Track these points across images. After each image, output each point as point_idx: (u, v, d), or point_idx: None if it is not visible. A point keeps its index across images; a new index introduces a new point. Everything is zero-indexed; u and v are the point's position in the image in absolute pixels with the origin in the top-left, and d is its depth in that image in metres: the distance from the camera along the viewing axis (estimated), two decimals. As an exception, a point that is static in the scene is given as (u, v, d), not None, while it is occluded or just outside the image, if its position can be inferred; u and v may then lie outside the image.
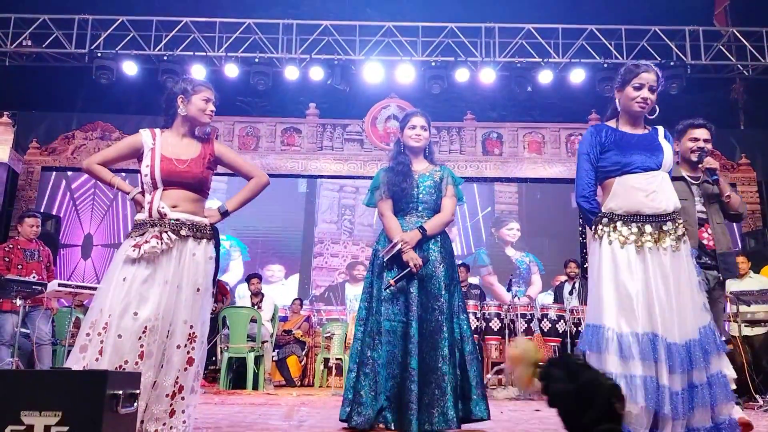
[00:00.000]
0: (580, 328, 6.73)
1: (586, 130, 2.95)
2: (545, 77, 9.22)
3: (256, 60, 9.15)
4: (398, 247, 3.14)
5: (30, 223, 6.00)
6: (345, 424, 3.14)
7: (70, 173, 10.15)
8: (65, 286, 5.65)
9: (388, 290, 3.14)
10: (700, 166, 3.21)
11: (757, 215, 10.05)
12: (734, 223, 9.89)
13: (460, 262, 8.73)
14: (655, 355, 2.34)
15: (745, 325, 5.89)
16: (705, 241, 3.25)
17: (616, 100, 2.74)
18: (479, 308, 7.02)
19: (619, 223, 2.52)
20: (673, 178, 2.72)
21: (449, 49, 9.36)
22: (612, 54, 9.15)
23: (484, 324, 6.92)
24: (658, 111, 2.71)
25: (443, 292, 3.14)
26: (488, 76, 9.27)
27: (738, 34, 9.20)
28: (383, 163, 3.79)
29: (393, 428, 3.04)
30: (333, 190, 10.61)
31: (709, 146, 3.36)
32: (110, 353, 2.43)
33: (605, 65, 9.04)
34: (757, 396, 5.56)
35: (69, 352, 2.69)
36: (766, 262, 7.60)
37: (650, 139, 2.65)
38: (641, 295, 2.42)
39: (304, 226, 10.42)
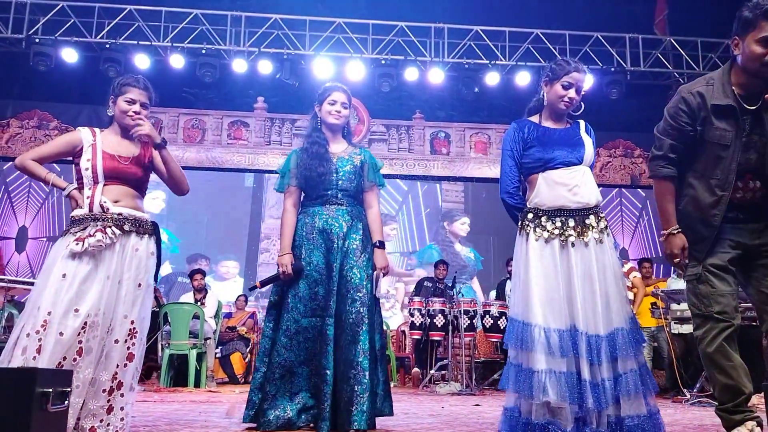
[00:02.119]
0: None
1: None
2: (492, 79, 9.39)
3: (203, 51, 9.00)
4: (277, 277, 2.98)
5: None
6: (253, 425, 2.91)
7: (4, 163, 9.72)
8: (-3, 280, 5.44)
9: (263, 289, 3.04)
10: None
11: (690, 217, 10.49)
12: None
13: (441, 259, 8.76)
14: (576, 350, 2.40)
15: (675, 323, 6.15)
16: (741, 194, 2.42)
17: (543, 94, 2.76)
18: (424, 305, 7.11)
19: (543, 218, 2.57)
20: (719, 108, 2.39)
21: (399, 47, 9.42)
22: (556, 58, 9.37)
23: (429, 320, 7.02)
24: (583, 107, 2.76)
25: (365, 282, 2.96)
26: (437, 76, 9.38)
27: (675, 43, 9.60)
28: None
29: (318, 426, 2.80)
30: (281, 185, 10.52)
31: None
32: (50, 351, 2.36)
33: (550, 69, 9.26)
34: (685, 390, 5.83)
35: (1, 348, 2.59)
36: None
37: (572, 133, 2.70)
38: (563, 290, 2.47)
39: (250, 222, 10.31)
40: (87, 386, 2.46)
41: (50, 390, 1.82)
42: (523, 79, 9.42)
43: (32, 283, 5.75)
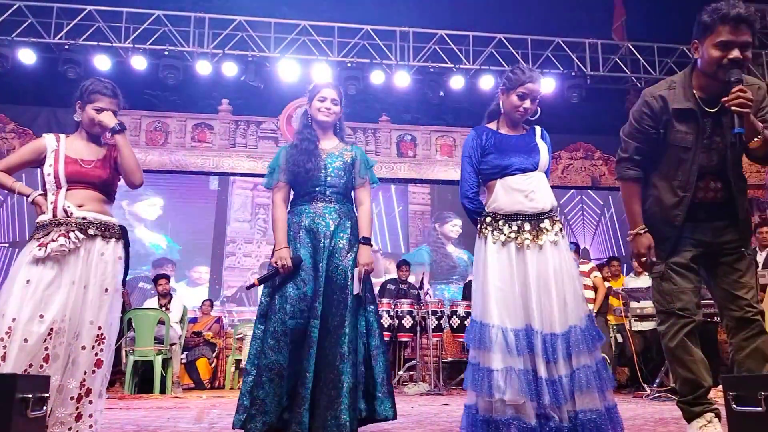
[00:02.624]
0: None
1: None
2: (457, 83, 9.49)
3: (166, 53, 8.87)
4: (276, 272, 2.87)
5: None
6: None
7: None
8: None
9: (263, 286, 2.89)
10: (725, 101, 2.29)
11: (648, 218, 10.78)
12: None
13: (403, 259, 8.77)
14: (532, 349, 2.48)
15: (635, 320, 6.33)
16: (702, 194, 2.48)
17: (500, 102, 2.84)
18: (392, 306, 7.15)
19: (501, 222, 2.65)
20: (680, 112, 2.46)
21: (365, 50, 9.45)
22: (514, 66, 9.52)
23: (397, 321, 7.06)
24: (539, 112, 2.82)
25: (350, 283, 2.89)
26: (403, 79, 9.44)
27: (632, 48, 9.86)
28: None
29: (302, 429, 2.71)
30: (246, 188, 10.45)
31: (748, 55, 2.37)
32: (14, 358, 2.33)
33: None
34: (645, 386, 6.01)
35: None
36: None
37: (528, 140, 2.78)
38: (519, 291, 2.55)
39: (215, 225, 10.20)
40: (55, 394, 2.42)
41: (30, 396, 1.81)
42: (487, 82, 9.55)
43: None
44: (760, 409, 1.68)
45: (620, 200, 9.86)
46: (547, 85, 9.59)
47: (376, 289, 6.35)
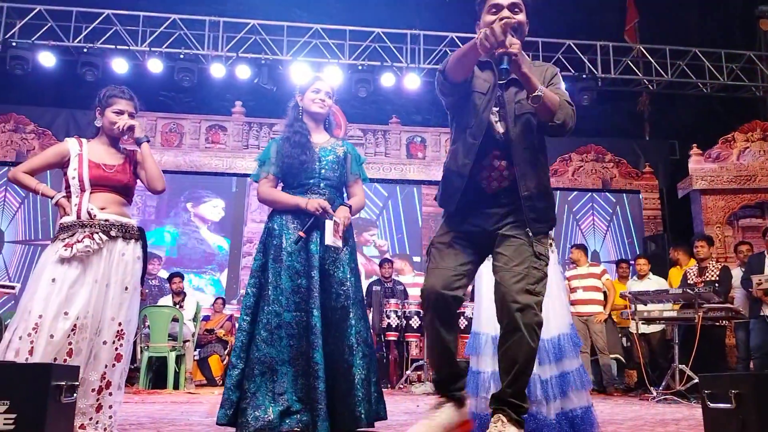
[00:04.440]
0: (494, 326, 7.08)
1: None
2: (467, 85, 9.55)
3: (181, 56, 9.05)
4: (315, 218, 2.80)
5: None
6: (229, 427, 2.73)
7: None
8: (-24, 284, 5.46)
9: (297, 245, 2.81)
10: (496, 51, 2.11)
11: (658, 221, 10.81)
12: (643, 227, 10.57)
13: (386, 257, 8.94)
14: None
15: (642, 323, 6.37)
16: (486, 183, 2.32)
17: None
18: (400, 306, 7.25)
19: None
20: (481, 62, 2.35)
21: (376, 53, 9.56)
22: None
23: (405, 322, 7.16)
24: None
25: (348, 276, 2.87)
26: (413, 81, 9.54)
27: (644, 51, 9.89)
28: None
29: (310, 431, 2.65)
30: (262, 189, 10.61)
31: (522, 19, 2.35)
32: (41, 352, 2.48)
33: (523, 76, 9.49)
34: (652, 388, 6.06)
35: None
36: (665, 266, 8.24)
37: None
38: None
39: (233, 225, 10.39)
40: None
41: (63, 383, 1.99)
42: (497, 85, 9.60)
43: (12, 287, 5.79)
44: (730, 405, 1.80)
45: (632, 203, 9.89)
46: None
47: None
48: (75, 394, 2.11)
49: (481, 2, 2.44)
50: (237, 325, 2.90)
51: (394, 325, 7.13)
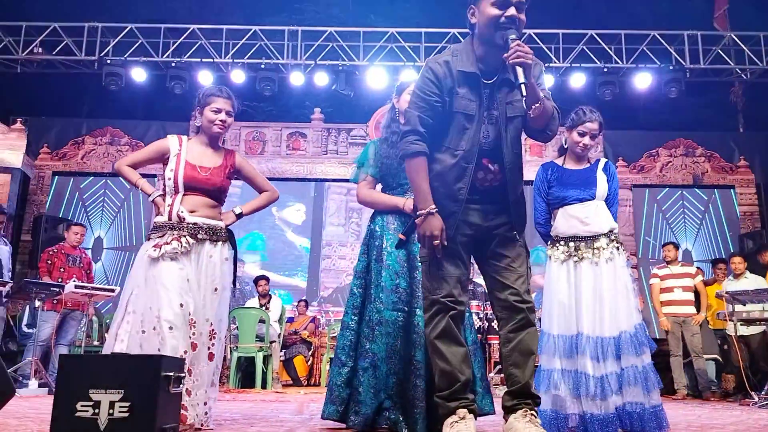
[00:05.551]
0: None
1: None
2: (547, 81, 9.33)
3: (262, 66, 9.35)
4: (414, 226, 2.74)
5: (75, 231, 6.51)
6: (336, 424, 2.83)
7: (80, 178, 10.33)
8: (81, 287, 5.83)
9: (398, 249, 2.79)
10: (506, 56, 2.23)
11: (756, 217, 10.17)
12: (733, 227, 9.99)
13: None
14: (579, 351, 2.88)
15: (741, 324, 6.02)
16: (479, 183, 2.37)
17: (564, 138, 3.26)
18: (482, 308, 7.18)
19: (560, 244, 3.08)
20: (465, 75, 2.35)
21: (452, 54, 9.50)
22: (612, 59, 9.31)
23: (487, 324, 7.09)
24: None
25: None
26: (490, 80, 9.41)
27: (736, 38, 9.34)
28: None
29: (399, 429, 2.68)
30: (340, 193, 10.80)
31: (523, 18, 2.35)
32: (145, 347, 2.63)
33: (605, 69, 9.21)
34: (753, 393, 5.71)
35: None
36: (762, 265, 7.72)
37: (587, 174, 3.16)
38: (572, 302, 2.97)
39: (312, 229, 10.63)
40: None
41: (171, 374, 2.13)
42: (578, 80, 9.37)
43: (112, 290, 6.15)
44: None
45: (725, 199, 9.41)
46: (643, 81, 9.28)
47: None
48: (182, 385, 2.23)
49: None
50: (342, 323, 2.96)
51: (476, 327, 7.06)
